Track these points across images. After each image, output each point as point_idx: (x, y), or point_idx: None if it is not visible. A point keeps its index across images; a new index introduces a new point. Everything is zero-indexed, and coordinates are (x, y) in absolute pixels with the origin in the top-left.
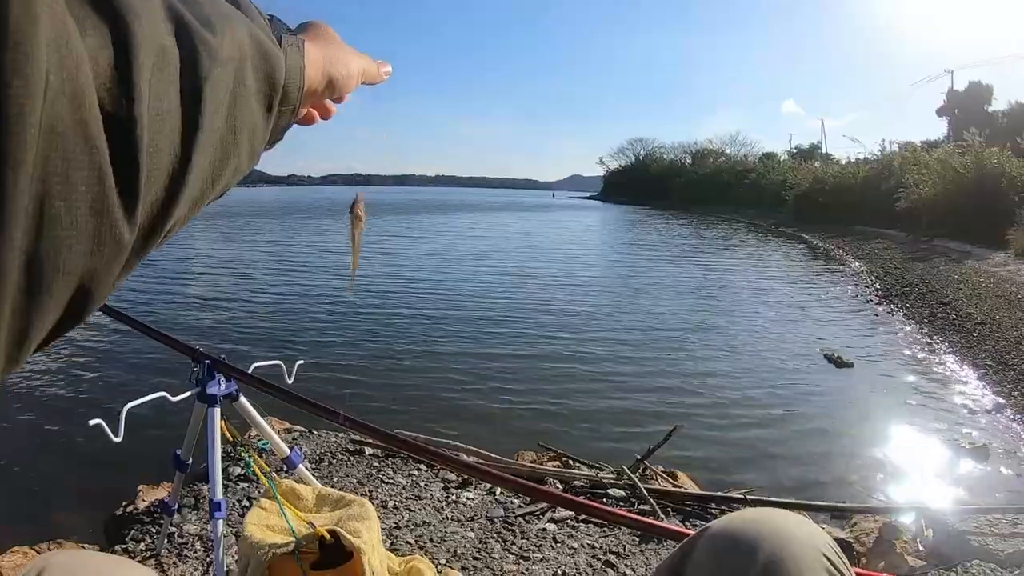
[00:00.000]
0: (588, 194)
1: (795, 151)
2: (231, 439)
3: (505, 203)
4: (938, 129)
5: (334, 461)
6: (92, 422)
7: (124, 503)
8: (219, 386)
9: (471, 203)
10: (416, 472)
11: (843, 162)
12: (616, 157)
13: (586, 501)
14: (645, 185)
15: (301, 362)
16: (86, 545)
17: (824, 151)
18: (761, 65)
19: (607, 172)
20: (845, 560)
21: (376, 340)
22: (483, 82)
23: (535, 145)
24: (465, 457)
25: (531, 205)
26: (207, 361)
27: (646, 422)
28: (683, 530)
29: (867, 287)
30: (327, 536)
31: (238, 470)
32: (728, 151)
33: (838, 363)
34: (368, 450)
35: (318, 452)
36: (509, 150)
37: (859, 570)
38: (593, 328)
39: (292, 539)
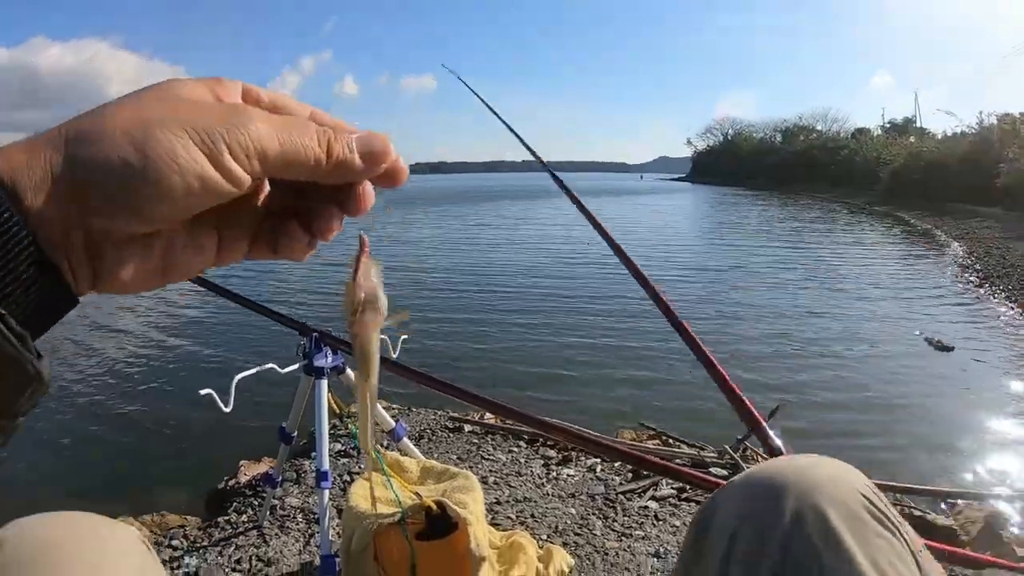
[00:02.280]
0: (676, 176)
1: (888, 126)
2: (338, 411)
3: (593, 187)
4: None
5: (434, 438)
6: (203, 392)
7: (227, 476)
8: (326, 359)
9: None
10: (516, 449)
11: (939, 136)
12: (704, 137)
13: (694, 472)
14: (734, 165)
15: (405, 337)
16: (129, 518)
17: (918, 125)
18: (850, 37)
19: (695, 153)
20: (885, 499)
21: (476, 321)
22: (569, 63)
23: (622, 127)
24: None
25: (619, 189)
26: (314, 334)
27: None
28: None
29: (967, 268)
30: (433, 507)
31: (338, 445)
32: (819, 128)
33: (938, 347)
34: (467, 427)
35: (417, 429)
36: (596, 133)
37: (961, 550)
38: (691, 309)
39: (398, 509)
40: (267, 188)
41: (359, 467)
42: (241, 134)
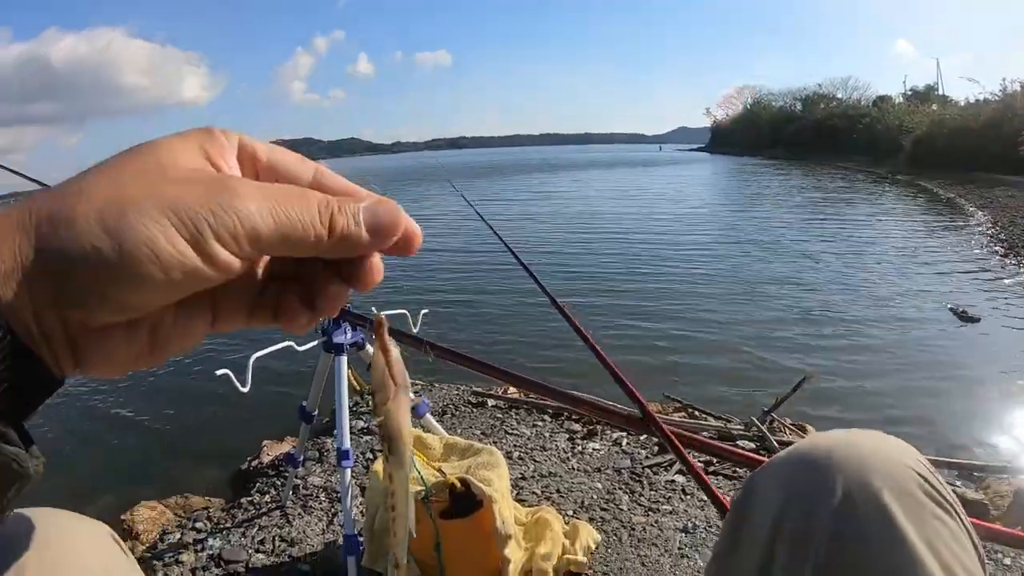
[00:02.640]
0: (695, 146)
1: (910, 93)
2: (358, 388)
3: (612, 159)
4: None
5: (457, 413)
6: (219, 372)
7: (249, 457)
8: (345, 335)
9: (578, 161)
10: (540, 423)
11: (961, 104)
12: (723, 106)
13: (724, 445)
14: (754, 135)
15: (426, 311)
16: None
17: (940, 93)
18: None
19: (714, 123)
20: (939, 477)
21: (498, 293)
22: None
23: (639, 98)
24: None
25: (638, 161)
26: None
27: (769, 375)
28: None
29: (991, 238)
30: (457, 484)
31: (360, 423)
32: (840, 95)
33: (963, 318)
34: (491, 402)
35: (440, 405)
36: (613, 104)
37: (993, 525)
38: (714, 281)
39: (421, 488)
40: (265, 258)
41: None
42: (229, 217)
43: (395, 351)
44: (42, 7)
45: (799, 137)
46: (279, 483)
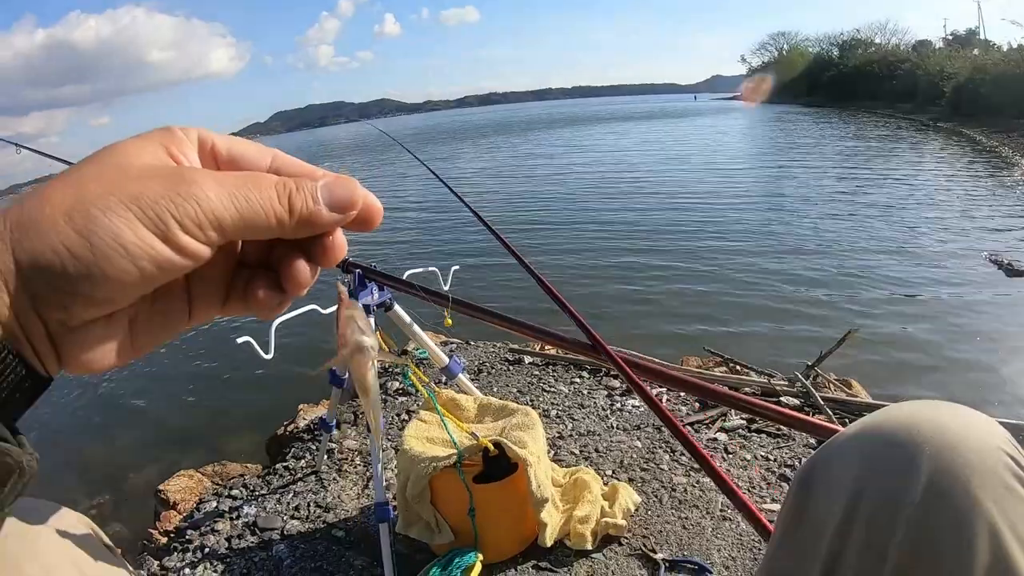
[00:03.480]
0: (731, 95)
1: (951, 38)
2: (388, 350)
3: (647, 111)
4: None
5: (493, 371)
6: (240, 340)
7: (285, 422)
8: (372, 295)
9: (611, 113)
10: (578, 380)
11: (1004, 49)
12: (758, 54)
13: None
14: (790, 82)
15: (456, 268)
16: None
17: (982, 37)
18: None
19: (749, 70)
20: None
21: (531, 248)
22: None
23: (672, 47)
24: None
25: (673, 111)
26: (358, 271)
27: (813, 329)
28: None
29: None
30: (491, 447)
31: (396, 383)
32: (878, 40)
33: (1009, 271)
34: (527, 359)
35: (476, 363)
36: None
37: None
38: (756, 234)
39: (454, 451)
40: (238, 245)
41: (418, 405)
42: (190, 205)
43: (354, 313)
44: None
45: (836, 84)
46: (314, 448)
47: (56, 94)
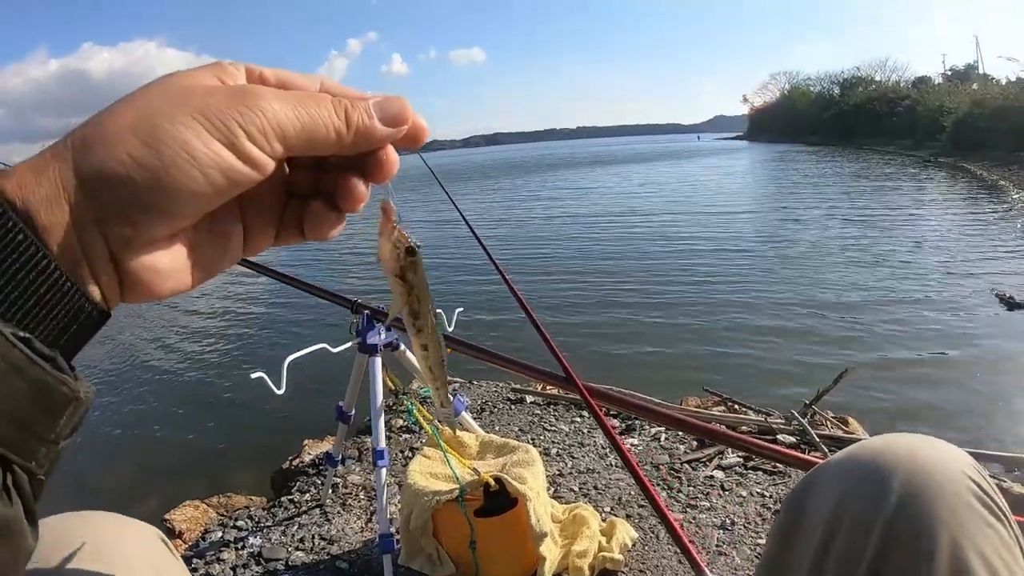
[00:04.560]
0: (734, 135)
1: (950, 73)
2: (393, 388)
3: (650, 152)
4: None
5: (495, 410)
6: (254, 375)
7: (291, 457)
8: (379, 335)
9: (614, 154)
10: (578, 419)
11: (1003, 83)
12: (760, 94)
13: (760, 441)
14: (792, 121)
15: (460, 310)
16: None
17: (981, 72)
18: None
19: (752, 110)
20: (992, 483)
21: (532, 291)
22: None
23: (675, 88)
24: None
25: (677, 152)
26: (366, 312)
27: (811, 367)
28: None
29: None
30: (492, 483)
31: (400, 421)
32: (877, 78)
33: (1010, 304)
34: (529, 398)
35: (479, 402)
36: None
37: None
38: (754, 274)
39: (456, 486)
40: (286, 170)
41: (421, 442)
42: (256, 115)
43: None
44: (75, 21)
45: (838, 122)
46: (319, 482)
47: (68, 124)
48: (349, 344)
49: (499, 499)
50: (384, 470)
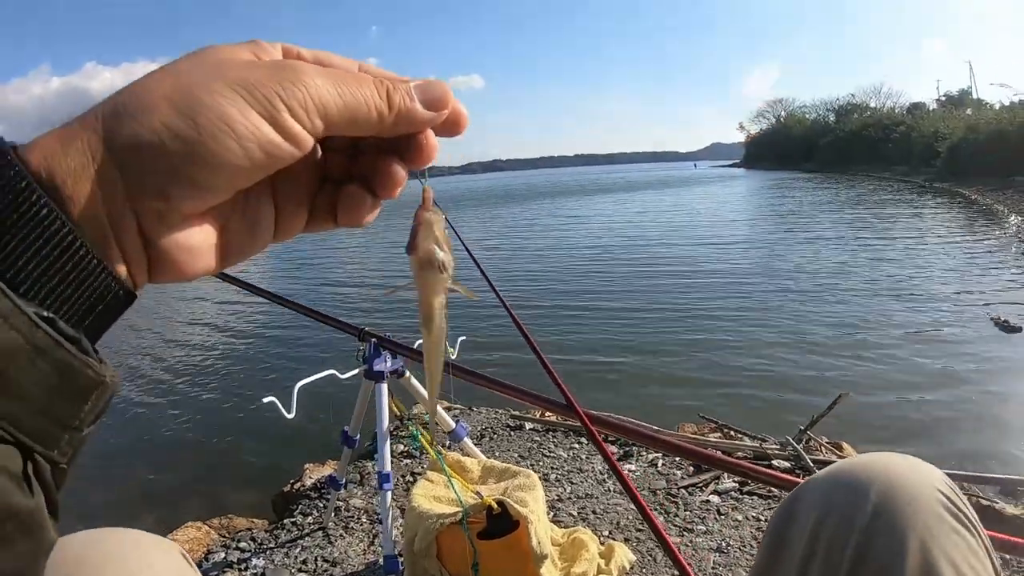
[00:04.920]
0: (730, 162)
1: (944, 99)
2: (398, 414)
3: (647, 180)
4: None
5: (495, 436)
6: (266, 399)
7: (292, 480)
8: (385, 363)
9: (613, 182)
10: (577, 445)
11: (996, 108)
12: (756, 121)
13: (756, 466)
14: (788, 148)
15: (463, 338)
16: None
17: (975, 97)
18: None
19: (748, 138)
20: (963, 497)
21: (532, 319)
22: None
23: (671, 116)
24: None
25: (674, 180)
26: (373, 340)
27: (806, 393)
28: None
29: None
30: (494, 506)
31: (401, 447)
32: (872, 104)
33: (1006, 328)
34: (528, 425)
35: (479, 428)
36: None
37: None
38: (749, 300)
39: (459, 509)
40: (319, 152)
41: (421, 467)
42: (299, 90)
43: (434, 218)
44: (78, 39)
45: (834, 149)
46: (321, 505)
47: None
48: (356, 371)
49: (501, 522)
50: (389, 493)
